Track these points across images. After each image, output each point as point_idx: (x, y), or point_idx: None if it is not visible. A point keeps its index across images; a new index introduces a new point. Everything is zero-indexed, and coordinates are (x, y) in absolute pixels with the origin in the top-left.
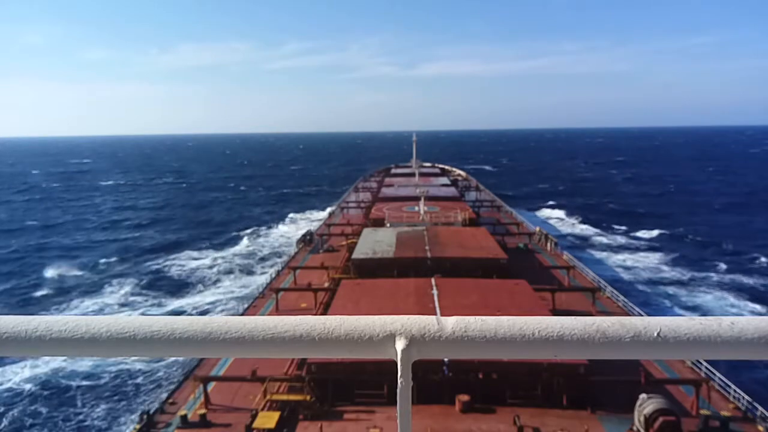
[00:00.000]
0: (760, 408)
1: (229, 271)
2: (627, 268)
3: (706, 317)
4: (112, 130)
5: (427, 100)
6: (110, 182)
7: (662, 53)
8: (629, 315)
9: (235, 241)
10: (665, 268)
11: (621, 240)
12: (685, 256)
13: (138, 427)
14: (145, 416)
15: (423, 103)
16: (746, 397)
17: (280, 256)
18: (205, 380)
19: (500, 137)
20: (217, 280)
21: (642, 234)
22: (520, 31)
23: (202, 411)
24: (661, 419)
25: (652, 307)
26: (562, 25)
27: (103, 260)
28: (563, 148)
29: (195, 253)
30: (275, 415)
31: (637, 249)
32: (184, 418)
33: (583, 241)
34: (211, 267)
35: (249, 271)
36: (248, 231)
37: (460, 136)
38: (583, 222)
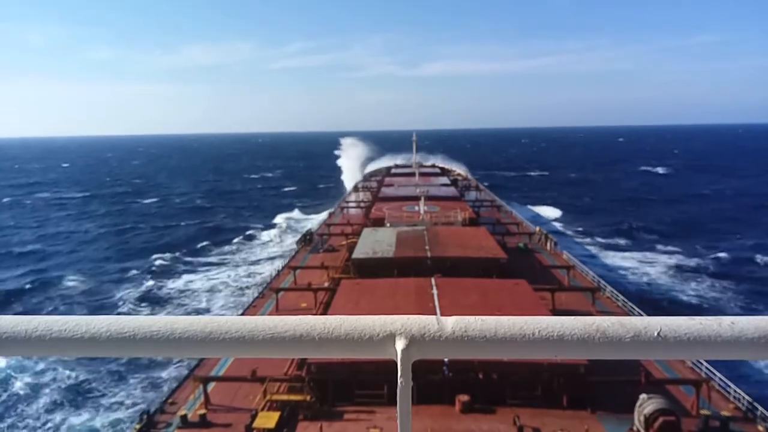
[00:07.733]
0: (760, 408)
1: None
2: None
3: (706, 317)
4: (112, 130)
5: (430, 99)
6: (45, 195)
7: (666, 51)
8: (629, 315)
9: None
10: None
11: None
12: None
13: (138, 427)
14: (144, 416)
15: (425, 102)
16: (746, 397)
17: None
18: (205, 380)
19: (504, 135)
20: None
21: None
22: (522, 30)
23: (202, 411)
24: (661, 419)
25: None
26: (565, 23)
27: None
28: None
29: None
30: (275, 415)
31: None
32: (184, 418)
33: None
34: None
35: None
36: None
37: (464, 134)
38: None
